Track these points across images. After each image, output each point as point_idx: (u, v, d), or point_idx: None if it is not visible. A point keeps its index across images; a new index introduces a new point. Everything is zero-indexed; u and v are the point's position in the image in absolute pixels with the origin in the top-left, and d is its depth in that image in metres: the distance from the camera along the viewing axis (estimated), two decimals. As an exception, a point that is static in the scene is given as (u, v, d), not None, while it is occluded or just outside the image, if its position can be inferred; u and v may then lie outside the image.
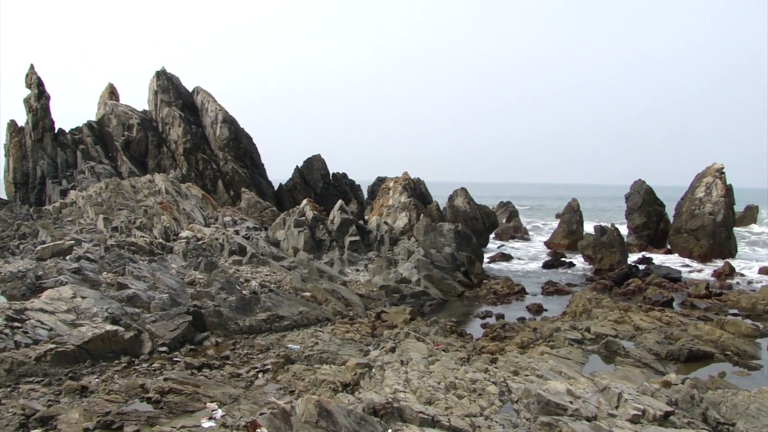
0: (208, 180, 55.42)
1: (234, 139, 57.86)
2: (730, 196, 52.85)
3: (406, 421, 11.01)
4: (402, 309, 27.21)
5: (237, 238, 35.69)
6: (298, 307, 25.36)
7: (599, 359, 20.92)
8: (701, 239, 50.71)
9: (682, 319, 26.01)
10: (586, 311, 27.21)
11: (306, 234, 37.22)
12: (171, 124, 57.77)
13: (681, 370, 19.91)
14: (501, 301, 32.45)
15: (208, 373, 17.21)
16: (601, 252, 45.72)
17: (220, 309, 22.91)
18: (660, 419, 11.87)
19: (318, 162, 64.05)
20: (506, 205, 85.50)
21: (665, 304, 30.70)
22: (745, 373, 20.07)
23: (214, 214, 43.54)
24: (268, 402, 13.96)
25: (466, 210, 54.22)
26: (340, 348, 20.33)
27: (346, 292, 29.33)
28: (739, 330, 24.48)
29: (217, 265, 30.40)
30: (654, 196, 59.05)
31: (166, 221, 37.82)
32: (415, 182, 53.69)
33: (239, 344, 21.04)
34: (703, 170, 55.59)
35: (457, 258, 38.01)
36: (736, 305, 31.13)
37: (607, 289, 36.44)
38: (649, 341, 22.23)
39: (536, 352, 20.35)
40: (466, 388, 14.29)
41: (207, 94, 61.91)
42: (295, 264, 33.33)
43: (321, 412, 9.77)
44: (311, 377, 16.45)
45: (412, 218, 44.86)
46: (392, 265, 34.82)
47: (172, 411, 13.86)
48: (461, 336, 23.69)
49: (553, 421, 11.22)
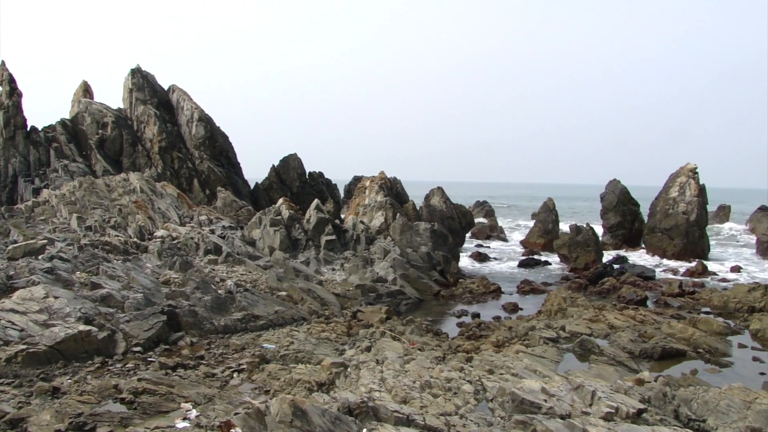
0: (183, 179, 55.04)
1: (210, 137, 57.51)
2: (704, 195, 53.49)
3: (381, 420, 11.02)
4: (378, 308, 27.22)
5: (212, 238, 35.48)
6: (274, 306, 25.28)
7: (574, 358, 21.09)
8: (675, 238, 51.29)
9: (655, 318, 26.29)
10: (561, 310, 27.41)
11: (282, 233, 37.10)
12: (146, 123, 57.33)
13: (654, 368, 20.13)
14: (477, 300, 32.59)
15: (183, 373, 17.10)
16: (577, 251, 46.07)
17: (195, 309, 22.78)
18: (633, 417, 11.98)
19: (294, 161, 63.85)
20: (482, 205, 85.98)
21: (639, 302, 31.02)
22: (717, 371, 20.33)
23: (189, 213, 43.27)
24: (243, 402, 13.91)
25: (442, 209, 54.35)
26: (316, 347, 20.28)
27: (322, 291, 29.29)
28: (711, 328, 24.79)
29: (192, 265, 30.21)
30: (629, 195, 59.61)
31: (141, 220, 37.50)
32: (391, 181, 53.72)
33: (214, 344, 20.93)
34: (676, 170, 56.22)
35: (433, 257, 38.09)
36: (709, 303, 31.52)
37: (582, 288, 36.73)
38: (623, 339, 22.43)
39: (511, 350, 20.47)
40: (441, 387, 14.34)
41: (183, 92, 61.48)
42: (271, 263, 33.21)
43: (295, 412, 9.76)
44: (286, 377, 16.41)
45: (389, 217, 44.88)
46: (368, 265, 34.82)
47: (146, 411, 13.76)
48: (437, 335, 23.76)
49: (527, 419, 11.29)
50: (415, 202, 53.56)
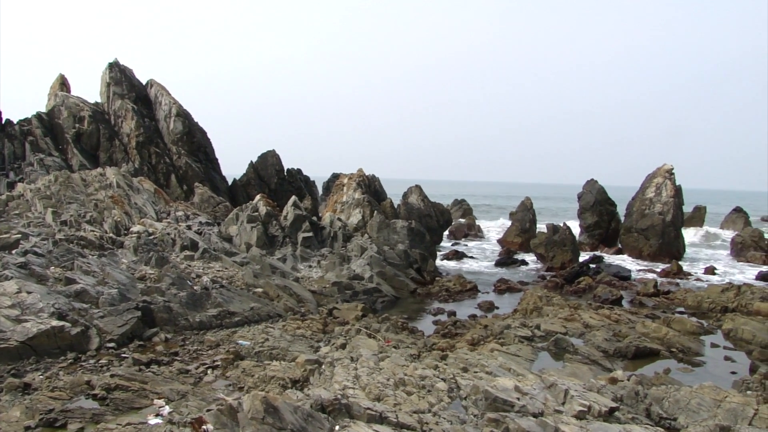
0: (160, 174, 54.62)
1: (188, 133, 57.11)
2: (680, 196, 53.99)
3: (353, 418, 11.01)
4: (354, 305, 27.23)
5: (189, 233, 35.28)
6: (250, 303, 25.20)
7: (548, 356, 21.23)
8: (651, 239, 51.74)
9: (630, 317, 26.54)
10: (537, 309, 27.55)
11: (259, 230, 36.96)
12: (123, 117, 56.80)
13: (628, 367, 20.33)
14: (453, 298, 32.67)
15: (157, 370, 17.01)
16: (553, 250, 46.35)
17: (170, 305, 22.66)
18: (605, 415, 12.07)
19: (272, 157, 63.62)
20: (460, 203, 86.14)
21: (614, 302, 31.29)
22: (689, 370, 20.57)
23: (166, 208, 42.99)
24: (217, 398, 13.86)
25: (420, 207, 54.44)
26: (291, 344, 20.25)
27: (298, 288, 29.23)
28: (684, 328, 25.06)
29: (168, 261, 30.04)
30: (606, 195, 60.02)
31: (117, 215, 37.21)
32: (369, 179, 53.68)
33: (189, 340, 20.85)
34: (653, 171, 56.67)
35: (410, 255, 38.13)
36: (683, 303, 31.84)
37: (559, 287, 36.96)
38: (597, 338, 22.61)
39: (486, 349, 20.56)
40: (415, 384, 14.37)
41: (161, 87, 61.01)
42: (248, 260, 33.09)
43: (267, 409, 9.73)
44: (261, 373, 16.38)
45: (366, 215, 44.86)
46: (345, 262, 34.79)
47: (119, 408, 13.68)
48: (412, 333, 23.81)
49: (500, 417, 11.33)
50: (393, 200, 53.58)
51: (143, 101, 59.95)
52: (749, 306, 29.57)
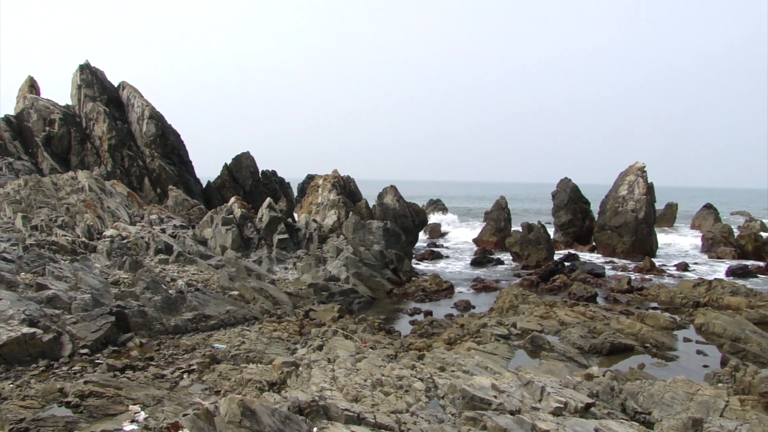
0: (134, 177, 54.17)
1: (161, 135, 56.69)
2: (652, 194, 54.59)
3: (331, 419, 11.00)
4: (330, 307, 27.19)
5: (163, 237, 35.03)
6: (225, 306, 25.05)
7: (525, 354, 21.35)
8: (624, 236, 52.26)
9: (605, 314, 26.78)
10: (513, 307, 27.71)
11: (234, 232, 36.81)
12: (95, 120, 56.23)
13: (603, 363, 20.52)
14: (429, 298, 32.74)
15: (132, 375, 16.85)
16: (528, 249, 46.65)
17: (144, 309, 22.46)
18: (581, 411, 12.16)
19: (247, 159, 63.33)
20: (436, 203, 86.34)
21: (589, 299, 31.56)
22: (663, 364, 20.83)
23: (140, 212, 42.63)
24: (193, 403, 13.79)
25: (395, 207, 54.48)
26: (267, 347, 20.18)
27: (274, 290, 29.12)
28: (658, 323, 25.36)
29: (142, 264, 29.79)
30: (579, 193, 60.52)
31: (90, 219, 36.83)
32: (344, 180, 53.64)
33: (164, 344, 20.67)
34: (626, 169, 57.25)
35: (386, 255, 38.16)
36: (656, 299, 32.25)
37: (534, 285, 37.20)
38: (573, 335, 22.79)
39: (463, 348, 20.64)
40: (392, 384, 14.39)
41: (133, 89, 60.48)
42: (223, 262, 32.93)
43: (245, 412, 9.68)
44: (237, 377, 16.31)
45: (341, 216, 44.82)
46: (321, 263, 34.75)
47: (93, 415, 13.53)
48: (389, 333, 23.84)
49: (477, 415, 11.37)
50: (368, 201, 53.57)
51: (115, 104, 59.40)
52: (720, 300, 30.04)
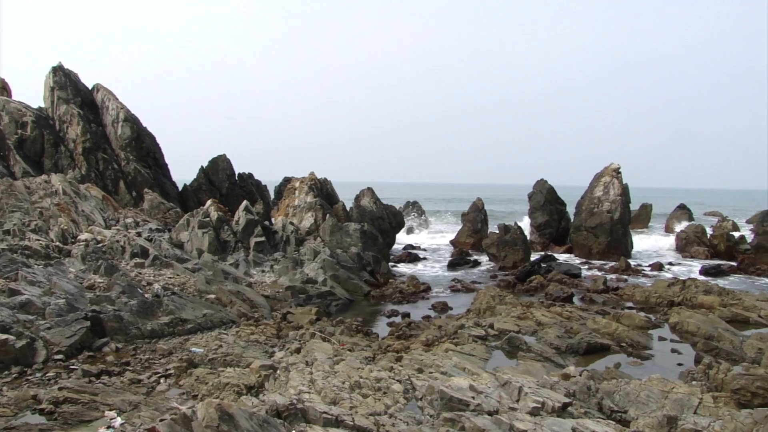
0: (109, 180, 53.68)
1: (136, 138, 56.23)
2: (626, 194, 55.09)
3: (309, 422, 10.99)
4: (308, 309, 27.14)
5: (139, 240, 34.77)
6: (202, 309, 24.93)
7: (502, 355, 21.48)
8: (600, 236, 52.67)
9: (581, 314, 26.99)
10: (490, 308, 27.82)
11: (210, 235, 36.63)
12: (69, 123, 55.65)
13: (580, 363, 20.70)
14: (407, 299, 32.78)
15: (107, 380, 16.70)
16: (505, 250, 46.86)
17: (120, 313, 22.28)
18: (558, 410, 12.26)
19: (223, 162, 63.07)
20: (413, 205, 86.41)
21: (566, 299, 31.79)
22: (638, 363, 21.06)
23: (115, 215, 42.29)
24: (170, 407, 13.69)
25: (372, 210, 54.50)
26: (245, 350, 20.10)
27: (251, 293, 29.03)
28: (633, 322, 25.62)
29: (118, 269, 29.54)
30: (555, 195, 60.94)
31: (64, 223, 36.45)
32: (321, 182, 53.60)
33: (141, 349, 20.53)
34: (601, 170, 57.71)
35: (363, 257, 38.17)
36: (632, 299, 32.57)
37: (511, 286, 37.41)
38: (550, 336, 22.94)
39: (441, 349, 20.72)
40: (370, 387, 14.40)
41: (108, 91, 59.93)
42: (200, 266, 32.76)
43: (222, 416, 9.64)
44: (215, 381, 16.22)
45: (318, 218, 44.78)
46: (298, 266, 34.68)
47: (67, 421, 13.40)
48: (367, 335, 23.85)
49: (455, 416, 11.42)
50: (345, 203, 53.57)
51: (89, 106, 58.81)
52: (694, 299, 30.43)
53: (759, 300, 30.83)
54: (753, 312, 28.07)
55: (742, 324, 26.59)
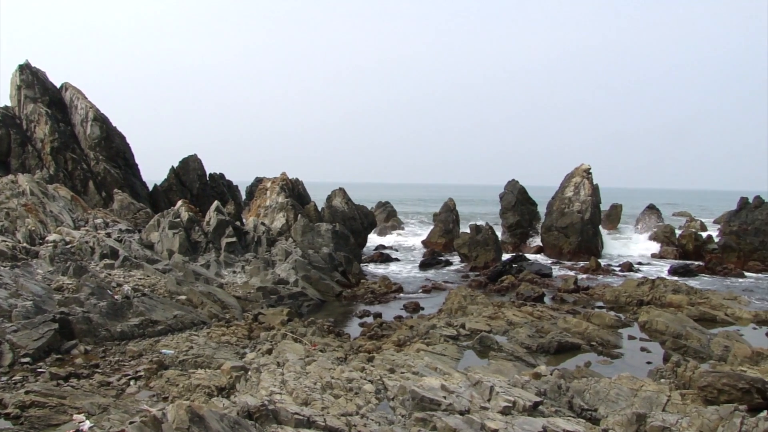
0: (78, 181, 53.01)
1: (106, 138, 55.59)
2: (597, 195, 55.61)
3: (281, 423, 10.96)
4: (279, 310, 27.05)
5: (109, 241, 34.38)
6: (173, 311, 24.73)
7: (474, 354, 21.58)
8: (570, 236, 53.10)
9: (552, 313, 27.21)
10: (462, 308, 27.94)
11: (181, 236, 36.33)
12: (37, 122, 54.87)
13: (551, 362, 20.87)
14: (379, 300, 32.80)
15: (76, 383, 16.49)
16: (476, 250, 47.06)
17: (89, 315, 22.03)
18: (529, 409, 12.37)
19: (194, 162, 62.62)
20: (384, 205, 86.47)
21: (537, 299, 32.01)
22: (608, 362, 21.27)
23: (84, 216, 41.78)
24: (140, 410, 13.57)
25: (344, 210, 54.44)
26: (216, 351, 19.98)
27: (222, 294, 28.86)
28: (603, 321, 25.90)
29: (87, 270, 29.20)
30: (527, 195, 61.34)
31: (31, 224, 35.95)
32: (293, 182, 53.42)
33: (110, 351, 20.30)
34: (572, 171, 58.18)
35: (335, 258, 38.12)
36: (602, 298, 32.90)
37: (482, 286, 37.59)
38: (521, 335, 23.10)
39: (412, 349, 20.76)
40: (342, 387, 14.40)
41: (76, 90, 59.19)
42: (170, 267, 32.48)
43: (193, 418, 9.58)
44: (185, 382, 16.11)
45: (290, 219, 44.62)
46: (270, 267, 34.54)
47: (34, 426, 13.21)
48: (339, 336, 23.83)
49: (427, 416, 11.46)
50: (317, 203, 53.48)
51: (58, 105, 58.04)
52: (662, 299, 30.84)
53: (725, 299, 31.40)
54: (720, 310, 28.53)
55: (710, 322, 27.04)
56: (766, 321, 27.54)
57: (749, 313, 28.51)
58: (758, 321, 27.61)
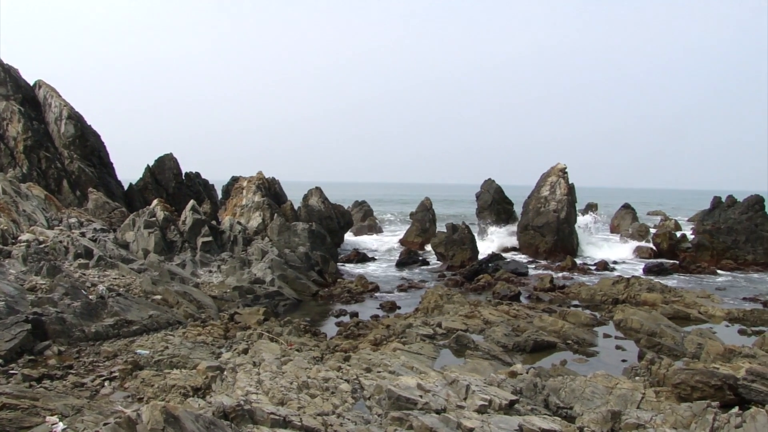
0: (51, 180, 52.40)
1: (80, 136, 55.00)
2: (573, 194, 56.01)
3: (257, 423, 10.93)
4: (256, 310, 26.95)
5: (83, 241, 34.07)
6: (148, 310, 24.56)
7: (450, 353, 21.65)
8: (546, 236, 53.41)
9: (528, 312, 27.37)
10: (438, 307, 28.01)
11: (157, 235, 36.08)
12: (9, 120, 54.16)
13: (527, 360, 20.98)
14: (355, 299, 32.78)
15: (49, 385, 16.30)
16: (453, 249, 47.23)
17: (63, 316, 21.80)
18: (505, 408, 12.44)
19: (170, 161, 62.18)
20: (361, 204, 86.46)
21: (513, 298, 32.15)
22: (584, 360, 21.44)
23: (58, 215, 41.36)
24: (114, 411, 13.46)
25: (320, 209, 54.37)
26: (192, 351, 19.85)
27: (198, 294, 28.71)
28: (579, 320, 26.10)
29: (60, 270, 28.90)
30: (503, 194, 61.68)
31: (4, 224, 35.50)
32: (269, 181, 53.22)
33: (84, 352, 20.09)
34: (548, 170, 58.55)
35: (311, 257, 38.07)
36: (577, 297, 33.13)
37: (459, 285, 37.71)
38: (497, 334, 23.18)
39: (389, 348, 20.79)
40: (318, 386, 14.38)
41: (50, 88, 58.50)
42: (145, 266, 32.26)
43: (167, 419, 9.52)
44: (161, 383, 16.00)
45: (266, 218, 44.48)
46: (246, 266, 34.40)
47: (6, 429, 13.02)
48: (315, 335, 23.80)
49: (403, 415, 11.49)
50: (293, 203, 53.34)
51: (31, 103, 57.32)
52: (637, 297, 31.13)
53: (699, 297, 31.78)
54: (693, 309, 28.86)
55: (683, 320, 27.33)
56: (738, 319, 27.92)
57: (722, 310, 28.88)
58: (730, 319, 28.00)
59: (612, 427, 11.97)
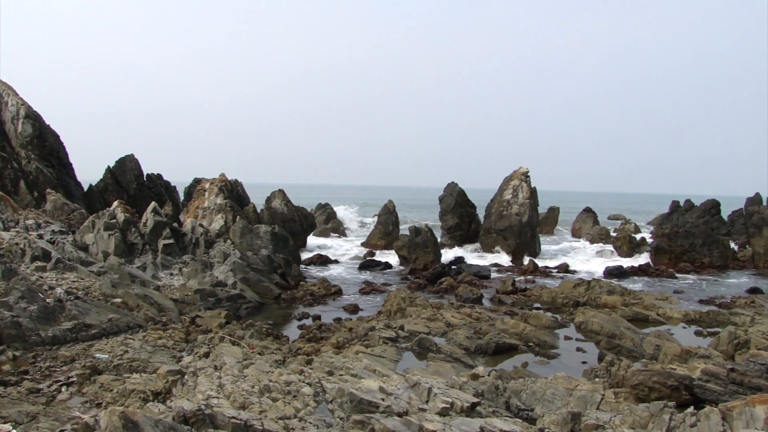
0: (8, 180, 51.40)
1: (38, 136, 54.06)
2: (535, 198, 56.51)
3: (218, 428, 10.83)
4: (217, 313, 26.74)
5: (40, 243, 33.45)
6: (108, 314, 24.19)
7: (413, 356, 21.70)
8: (509, 239, 53.83)
9: (490, 315, 27.53)
10: (401, 310, 28.05)
11: (117, 237, 35.58)
12: (-36, 120, 53.17)
13: (489, 363, 21.11)
14: (318, 302, 32.70)
15: (3, 391, 15.94)
16: (416, 252, 47.31)
17: (19, 320, 21.37)
18: (467, 410, 12.47)
19: (131, 162, 61.44)
20: (324, 207, 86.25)
21: (475, 300, 32.34)
22: (545, 362, 21.67)
23: (14, 216, 40.58)
24: (71, 417, 13.24)
25: (283, 212, 54.17)
26: (152, 355, 19.63)
27: (159, 297, 28.37)
28: (540, 322, 26.34)
29: (16, 272, 28.33)
30: (466, 198, 61.94)
31: (-42, 225, 34.83)
32: (232, 183, 52.88)
33: (41, 357, 19.73)
34: (510, 174, 58.99)
35: (274, 260, 37.87)
36: (539, 299, 33.43)
37: (421, 287, 37.81)
38: (459, 337, 23.29)
39: (351, 351, 20.77)
40: (280, 390, 14.28)
41: (7, 86, 57.41)
42: (105, 269, 31.79)
43: (126, 424, 9.39)
44: (120, 387, 15.78)
45: (229, 220, 44.18)
46: (208, 269, 34.10)
47: (-45, 437, 12.76)
48: (277, 338, 23.70)
49: (365, 418, 11.46)
50: (256, 205, 53.03)
51: (-14, 102, 56.27)
52: (598, 299, 31.54)
53: (657, 299, 32.31)
54: (652, 311, 29.32)
55: (642, 322, 27.76)
56: (694, 320, 28.45)
57: (679, 312, 29.42)
58: (688, 320, 28.52)
59: (572, 428, 12.08)
